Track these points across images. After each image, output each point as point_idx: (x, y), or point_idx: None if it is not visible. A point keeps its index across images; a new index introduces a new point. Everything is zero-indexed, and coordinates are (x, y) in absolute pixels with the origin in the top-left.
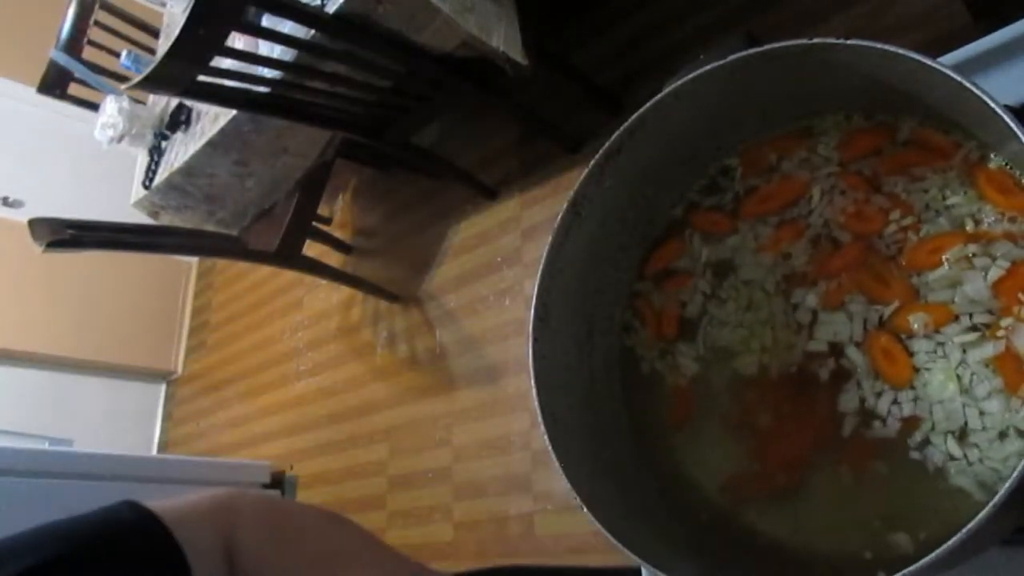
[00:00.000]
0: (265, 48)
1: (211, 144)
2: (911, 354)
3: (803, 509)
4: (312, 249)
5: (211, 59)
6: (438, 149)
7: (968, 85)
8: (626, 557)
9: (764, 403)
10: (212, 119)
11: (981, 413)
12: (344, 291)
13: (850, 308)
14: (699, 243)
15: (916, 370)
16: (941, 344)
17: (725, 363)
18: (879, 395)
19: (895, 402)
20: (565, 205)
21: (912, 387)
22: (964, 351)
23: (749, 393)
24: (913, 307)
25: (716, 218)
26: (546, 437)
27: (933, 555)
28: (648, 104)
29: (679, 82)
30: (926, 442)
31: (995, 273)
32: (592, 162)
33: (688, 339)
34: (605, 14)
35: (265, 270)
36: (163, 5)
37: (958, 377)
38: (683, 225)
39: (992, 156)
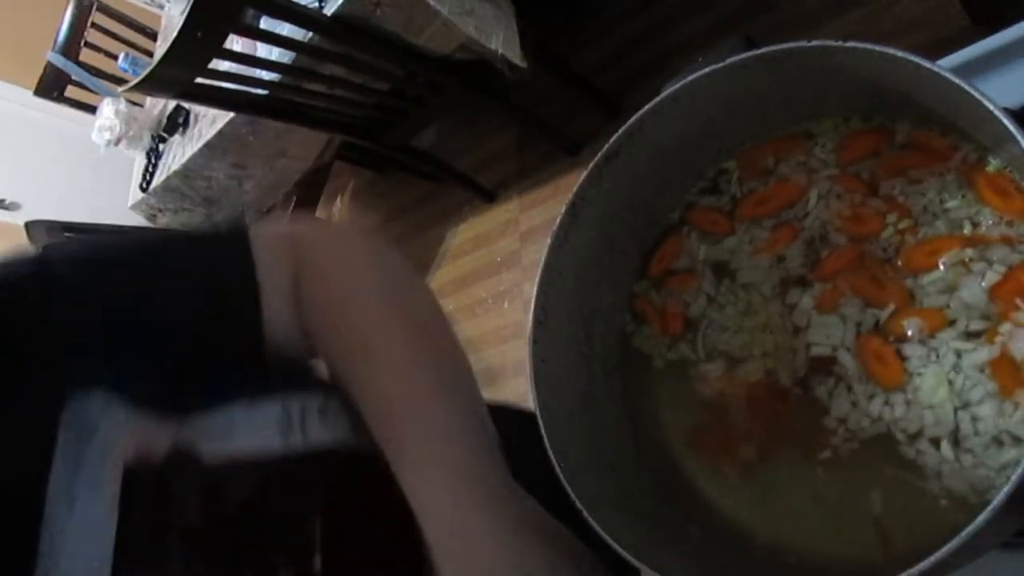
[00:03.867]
0: (263, 50)
1: (209, 147)
2: (904, 359)
3: (798, 512)
4: None
5: (209, 61)
6: (436, 151)
7: (967, 87)
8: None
9: (768, 407)
10: (210, 122)
11: (974, 418)
12: None
13: (844, 311)
14: (697, 240)
15: (909, 375)
16: (934, 349)
17: (731, 368)
18: (871, 398)
19: (887, 404)
20: (564, 207)
21: (904, 391)
22: (959, 356)
23: (754, 396)
24: (908, 312)
25: (714, 217)
26: (545, 439)
27: (933, 558)
28: (647, 107)
29: (678, 85)
30: (918, 445)
31: (992, 278)
32: (591, 164)
33: (693, 337)
34: (604, 17)
35: None
36: (160, 7)
37: (950, 382)
38: (681, 226)
39: (990, 159)
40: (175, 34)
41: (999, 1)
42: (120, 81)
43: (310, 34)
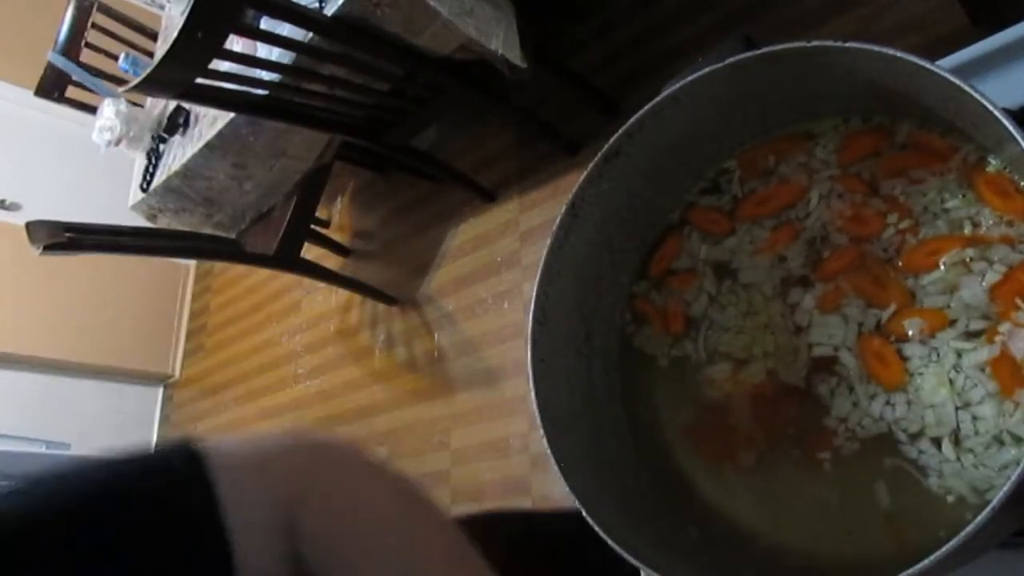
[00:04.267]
0: (263, 51)
1: (209, 147)
2: (905, 359)
3: (799, 512)
4: (310, 252)
5: (209, 62)
6: (436, 152)
7: (966, 88)
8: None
9: (769, 407)
10: (210, 122)
11: (974, 418)
12: (342, 294)
13: (845, 311)
14: (697, 240)
15: (910, 374)
16: (935, 349)
17: (736, 370)
18: (872, 398)
19: (888, 403)
20: (564, 207)
21: (905, 391)
22: (959, 356)
23: (756, 397)
24: (909, 312)
25: (714, 217)
26: (544, 440)
27: (932, 558)
28: (647, 107)
29: (678, 85)
30: (919, 445)
31: (992, 278)
32: (591, 165)
33: (696, 335)
34: (604, 17)
35: (263, 273)
36: (161, 8)
37: (950, 382)
38: (682, 226)
39: (990, 159)
40: (176, 34)
41: (999, 1)
42: (120, 81)
43: (310, 34)
